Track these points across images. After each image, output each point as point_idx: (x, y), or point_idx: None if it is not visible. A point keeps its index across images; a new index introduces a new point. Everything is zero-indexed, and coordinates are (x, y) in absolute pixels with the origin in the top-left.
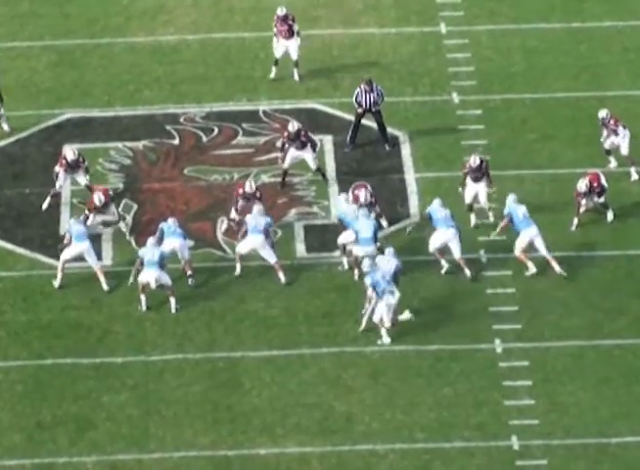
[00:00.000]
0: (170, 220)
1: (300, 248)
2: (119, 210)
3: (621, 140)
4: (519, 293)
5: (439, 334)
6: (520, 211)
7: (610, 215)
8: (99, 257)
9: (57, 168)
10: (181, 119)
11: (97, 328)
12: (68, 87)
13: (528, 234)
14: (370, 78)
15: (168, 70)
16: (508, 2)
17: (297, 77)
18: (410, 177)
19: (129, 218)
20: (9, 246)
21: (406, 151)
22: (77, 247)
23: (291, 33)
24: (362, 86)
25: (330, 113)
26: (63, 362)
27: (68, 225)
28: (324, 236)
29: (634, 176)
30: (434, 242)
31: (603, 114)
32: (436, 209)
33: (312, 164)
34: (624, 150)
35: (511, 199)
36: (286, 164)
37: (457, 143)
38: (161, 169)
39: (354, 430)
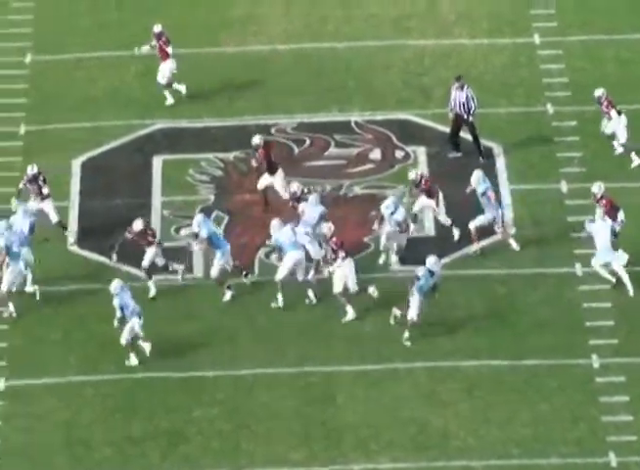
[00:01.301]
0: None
1: (394, 260)
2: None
3: (616, 126)
4: (615, 307)
5: (535, 349)
6: None
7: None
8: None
9: (20, 184)
10: (272, 130)
11: (188, 341)
12: (158, 97)
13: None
14: (460, 76)
15: (259, 80)
16: (601, 13)
17: (169, 101)
18: (504, 190)
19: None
20: (99, 258)
21: (500, 163)
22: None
23: (165, 55)
24: (454, 85)
25: (422, 124)
26: (154, 376)
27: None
28: (417, 248)
29: (635, 161)
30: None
31: (599, 92)
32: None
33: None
34: (622, 137)
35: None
36: (260, 186)
37: (552, 154)
38: (253, 181)
39: (449, 445)
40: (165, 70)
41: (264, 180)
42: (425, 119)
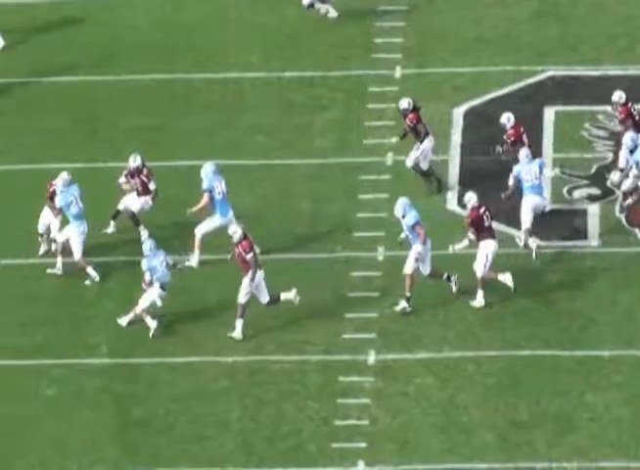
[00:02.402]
0: None
1: None
2: None
3: None
4: None
5: None
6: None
7: None
8: None
9: (121, 178)
10: None
11: (581, 317)
12: (552, 41)
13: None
14: None
15: None
16: None
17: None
18: None
19: None
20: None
21: None
22: None
23: None
24: None
25: None
26: (541, 354)
27: None
28: None
29: None
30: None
31: None
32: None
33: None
34: None
35: (524, 154)
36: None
37: None
38: None
39: None
40: None
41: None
42: None
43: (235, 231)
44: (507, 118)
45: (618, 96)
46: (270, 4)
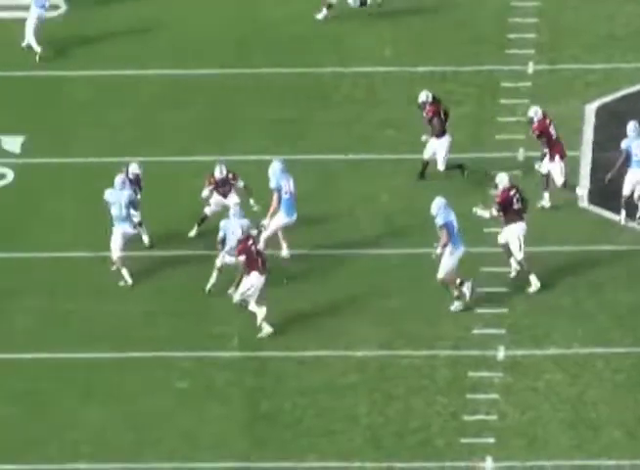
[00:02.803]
0: None
1: None
2: None
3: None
4: None
5: None
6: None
7: None
8: None
9: (205, 192)
10: None
11: None
12: None
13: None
14: None
15: None
16: None
17: None
18: None
19: None
20: (611, 216)
21: None
22: None
23: None
24: None
25: None
26: None
27: None
28: None
29: None
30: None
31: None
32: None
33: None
34: None
35: (631, 127)
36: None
37: None
38: None
39: None
40: None
41: (431, 146)
42: None
43: (240, 230)
44: (534, 112)
45: (425, 95)
46: None
